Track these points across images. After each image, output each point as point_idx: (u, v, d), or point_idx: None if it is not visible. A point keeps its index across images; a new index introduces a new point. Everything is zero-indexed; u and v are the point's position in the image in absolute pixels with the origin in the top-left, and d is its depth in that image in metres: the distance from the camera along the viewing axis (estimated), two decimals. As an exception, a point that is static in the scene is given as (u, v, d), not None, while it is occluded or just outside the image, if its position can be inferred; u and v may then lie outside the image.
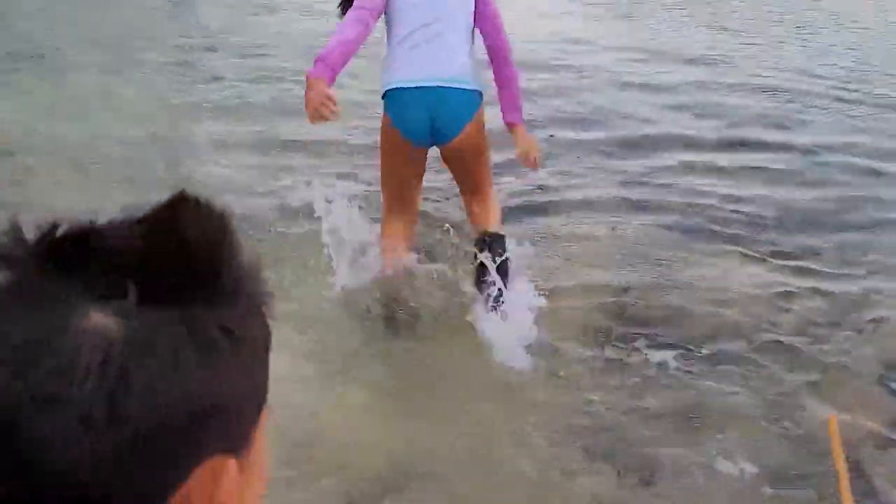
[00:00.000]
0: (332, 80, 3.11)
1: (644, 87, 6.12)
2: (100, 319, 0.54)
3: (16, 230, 0.57)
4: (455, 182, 3.75)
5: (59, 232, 0.57)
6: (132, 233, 0.58)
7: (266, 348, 0.65)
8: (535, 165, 3.66)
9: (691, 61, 6.71)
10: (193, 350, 0.57)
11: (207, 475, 0.58)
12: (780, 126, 5.69)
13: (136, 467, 0.54)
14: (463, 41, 3.40)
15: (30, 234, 0.57)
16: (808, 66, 6.69)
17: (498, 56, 3.50)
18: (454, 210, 4.13)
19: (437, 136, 3.42)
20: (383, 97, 3.45)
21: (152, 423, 0.54)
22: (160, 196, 0.61)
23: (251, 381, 0.62)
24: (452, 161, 3.57)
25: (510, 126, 3.57)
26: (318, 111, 3.04)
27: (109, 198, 3.96)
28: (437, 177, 4.14)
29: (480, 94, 3.44)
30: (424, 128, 3.38)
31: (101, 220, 0.59)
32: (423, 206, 3.92)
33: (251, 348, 0.62)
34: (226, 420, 0.59)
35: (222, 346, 0.58)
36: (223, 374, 0.58)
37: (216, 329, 0.58)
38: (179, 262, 0.58)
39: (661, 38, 7.05)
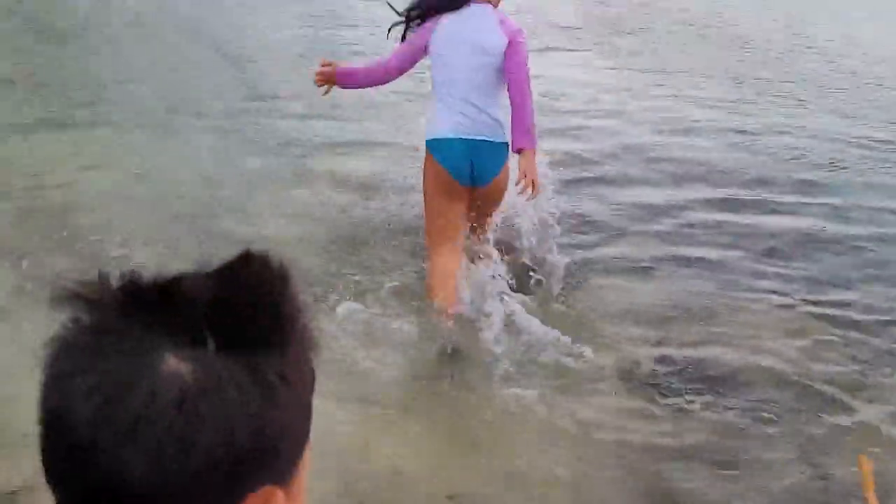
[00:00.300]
0: (339, 78, 3.76)
1: (676, 133, 6.10)
2: (176, 364, 0.60)
3: (104, 278, 0.63)
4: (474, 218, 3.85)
5: (143, 282, 0.63)
6: (205, 285, 0.63)
7: (311, 391, 0.70)
8: (530, 189, 3.50)
9: (717, 110, 6.68)
10: (255, 394, 0.62)
11: (259, 502, 0.64)
12: (812, 177, 5.61)
13: (199, 493, 0.60)
14: (495, 94, 3.60)
15: (115, 283, 0.63)
16: (834, 122, 6.62)
17: (515, 86, 3.55)
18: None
19: (474, 181, 3.65)
20: (428, 143, 3.68)
21: (217, 457, 0.60)
22: (226, 246, 0.65)
23: (299, 421, 0.68)
24: (479, 199, 3.73)
25: (519, 151, 3.55)
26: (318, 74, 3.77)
27: (180, 249, 4.04)
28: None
29: (508, 145, 3.63)
30: (467, 172, 3.63)
31: (177, 271, 0.64)
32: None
33: (300, 392, 0.67)
34: (278, 455, 0.65)
35: (278, 390, 0.63)
36: (278, 416, 0.64)
37: (274, 375, 0.63)
38: (245, 313, 0.63)
39: (690, 92, 7.05)
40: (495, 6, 3.65)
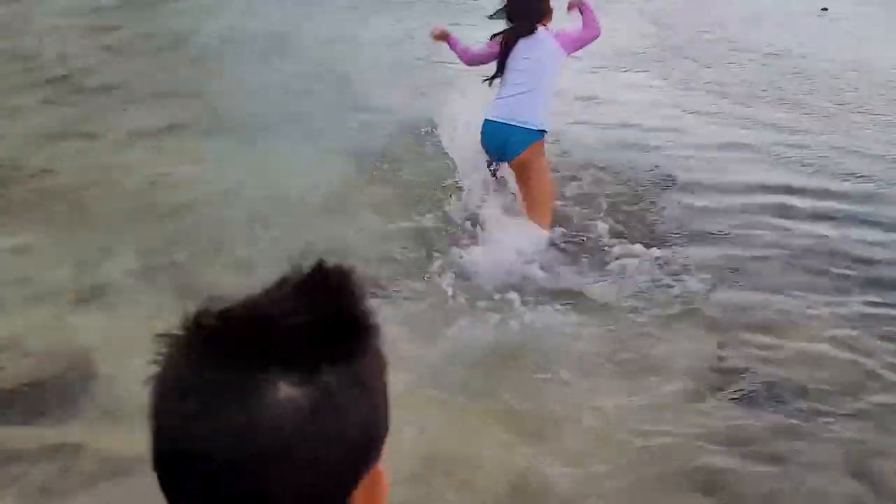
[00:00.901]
0: (449, 39, 4.43)
1: (729, 148, 5.83)
2: (288, 390, 0.60)
3: (196, 316, 0.61)
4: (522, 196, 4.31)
5: (233, 315, 0.61)
6: (293, 308, 0.62)
7: (386, 380, 0.71)
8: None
9: (771, 129, 6.37)
10: (361, 398, 0.64)
11: (369, 480, 0.68)
12: (865, 190, 5.26)
13: (328, 484, 0.64)
14: (544, 94, 4.12)
15: (207, 319, 0.61)
16: (888, 143, 6.22)
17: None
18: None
19: (503, 156, 4.19)
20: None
21: (340, 457, 0.64)
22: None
23: (387, 407, 0.70)
24: (516, 172, 4.29)
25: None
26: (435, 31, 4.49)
27: (283, 246, 4.03)
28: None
29: (541, 132, 4.12)
30: (496, 149, 4.18)
31: (255, 294, 0.63)
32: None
33: (384, 384, 0.69)
34: (380, 441, 0.68)
35: (376, 389, 0.67)
36: (377, 412, 0.67)
37: (370, 377, 0.65)
38: (335, 327, 0.63)
39: (745, 112, 6.76)
40: (546, 26, 4.19)
